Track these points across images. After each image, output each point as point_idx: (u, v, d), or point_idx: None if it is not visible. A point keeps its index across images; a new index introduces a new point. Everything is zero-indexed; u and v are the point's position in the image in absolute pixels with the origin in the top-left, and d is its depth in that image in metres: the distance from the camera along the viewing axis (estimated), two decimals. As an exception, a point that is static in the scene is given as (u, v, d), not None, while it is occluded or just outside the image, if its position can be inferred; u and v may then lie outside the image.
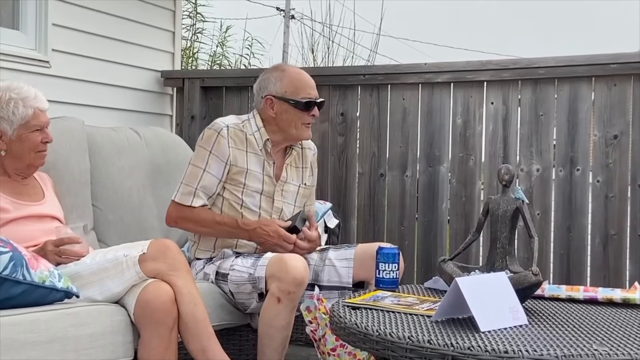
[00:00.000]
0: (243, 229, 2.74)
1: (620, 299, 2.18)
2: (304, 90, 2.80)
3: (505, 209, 2.15)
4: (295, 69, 2.89)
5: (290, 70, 2.86)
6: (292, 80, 2.81)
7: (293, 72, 2.85)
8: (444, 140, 3.61)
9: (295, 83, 2.81)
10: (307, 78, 2.85)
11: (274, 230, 2.71)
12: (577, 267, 3.37)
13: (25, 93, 2.50)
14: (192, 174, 2.76)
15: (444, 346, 1.65)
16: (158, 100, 4.16)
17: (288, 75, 2.82)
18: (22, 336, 1.94)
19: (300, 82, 2.81)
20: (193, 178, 2.76)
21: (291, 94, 2.79)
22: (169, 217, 2.82)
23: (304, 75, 2.85)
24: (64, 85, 3.50)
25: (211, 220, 2.76)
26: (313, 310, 2.53)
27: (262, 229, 2.72)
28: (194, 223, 2.78)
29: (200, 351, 2.30)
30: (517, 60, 3.58)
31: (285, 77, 2.81)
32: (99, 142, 3.14)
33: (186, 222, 2.79)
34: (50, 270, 2.15)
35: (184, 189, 2.76)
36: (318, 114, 2.86)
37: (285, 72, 2.84)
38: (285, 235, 2.71)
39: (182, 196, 2.76)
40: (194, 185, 2.75)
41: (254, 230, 2.72)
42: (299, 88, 2.80)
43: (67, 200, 2.84)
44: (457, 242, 3.53)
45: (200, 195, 2.75)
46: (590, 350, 1.61)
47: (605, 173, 3.32)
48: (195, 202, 2.75)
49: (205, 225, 2.76)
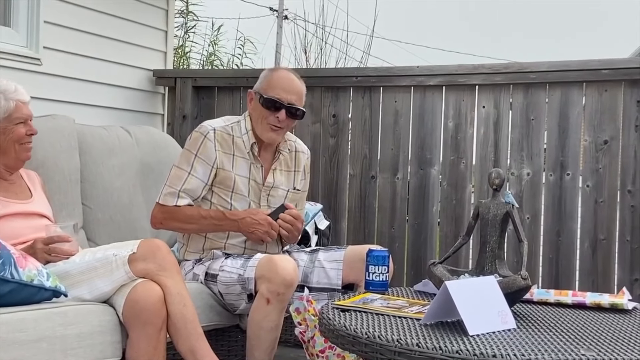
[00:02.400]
0: (231, 219, 2.72)
1: (608, 304, 2.19)
2: (276, 90, 2.76)
3: (495, 213, 2.16)
4: (285, 72, 2.84)
5: (280, 72, 2.84)
6: (272, 79, 2.78)
7: (279, 73, 2.83)
8: (436, 143, 3.62)
9: (273, 82, 2.78)
10: (289, 82, 2.79)
11: (263, 219, 2.71)
12: (565, 271, 3.38)
13: (5, 86, 2.49)
14: (176, 177, 2.75)
15: (432, 349, 1.65)
16: (149, 99, 4.15)
17: (273, 74, 2.81)
18: (9, 335, 1.93)
19: (278, 82, 2.77)
20: (177, 180, 2.75)
21: (264, 90, 2.77)
22: (155, 219, 2.81)
23: (287, 79, 2.80)
24: (55, 83, 3.48)
25: (197, 216, 2.74)
26: (302, 311, 2.53)
27: (251, 218, 2.71)
28: (179, 221, 2.76)
29: (189, 352, 2.29)
30: (509, 65, 3.59)
31: (269, 76, 2.80)
32: (90, 141, 3.13)
33: (172, 221, 2.77)
34: (39, 269, 2.13)
35: (167, 190, 2.75)
36: (284, 118, 2.74)
37: (274, 72, 2.83)
38: (273, 223, 2.70)
39: (165, 197, 2.75)
40: (177, 188, 2.74)
41: (243, 219, 2.71)
42: (273, 87, 2.76)
43: (57, 198, 2.82)
44: (447, 245, 3.54)
45: (183, 196, 2.74)
46: (578, 355, 1.62)
47: (595, 178, 3.34)
48: (178, 202, 2.74)
49: (192, 222, 2.75)
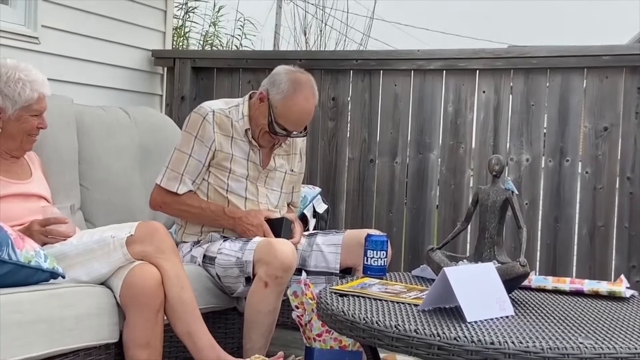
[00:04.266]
0: (228, 216, 2.73)
1: (606, 291, 2.19)
2: (287, 122, 2.72)
3: (494, 200, 2.15)
4: (302, 101, 2.71)
5: (298, 98, 2.71)
6: (288, 106, 2.70)
7: (296, 102, 2.71)
8: (435, 128, 3.61)
9: (288, 112, 2.70)
10: (300, 117, 2.74)
11: (259, 224, 2.70)
12: (563, 258, 3.38)
13: (34, 76, 2.49)
14: (178, 160, 2.75)
15: (430, 336, 1.65)
16: (148, 80, 4.12)
17: (291, 99, 2.70)
18: (6, 316, 1.92)
19: (291, 115, 2.71)
20: (179, 163, 2.74)
21: (277, 113, 2.71)
22: (154, 202, 2.82)
23: (301, 111, 2.73)
24: (53, 62, 3.46)
25: (197, 207, 2.75)
26: (300, 295, 2.53)
27: (247, 219, 2.71)
28: (178, 210, 2.78)
29: (186, 334, 2.30)
30: (510, 50, 3.58)
31: (288, 99, 2.70)
32: (88, 122, 3.11)
33: (171, 207, 2.79)
34: (36, 250, 2.13)
35: (170, 174, 2.75)
36: (285, 140, 2.81)
37: (293, 96, 2.70)
38: (267, 232, 2.69)
39: (168, 182, 2.75)
40: (180, 171, 2.74)
41: (240, 219, 2.72)
42: (285, 117, 2.71)
43: (55, 179, 2.81)
44: (445, 230, 3.54)
45: (186, 181, 2.74)
46: (575, 343, 1.62)
47: (595, 165, 3.33)
48: (180, 188, 2.74)
49: (190, 211, 2.76)
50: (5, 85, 2.43)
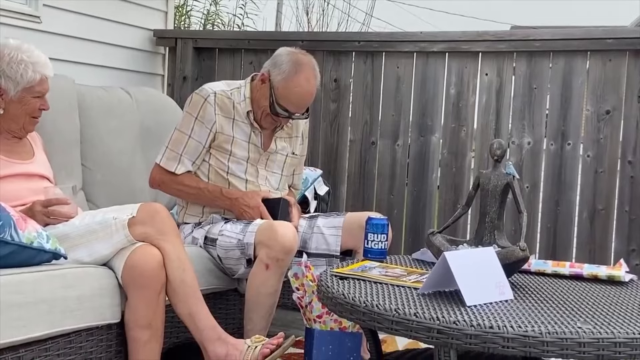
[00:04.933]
0: (226, 197, 2.74)
1: (605, 275, 2.20)
2: (288, 103, 2.71)
3: (495, 184, 2.15)
4: (303, 81, 2.70)
5: (299, 79, 2.70)
6: (289, 87, 2.69)
7: (297, 83, 2.70)
8: (437, 110, 3.61)
9: (289, 93, 2.70)
10: (301, 98, 2.73)
11: (255, 206, 2.70)
12: (563, 241, 3.40)
13: (36, 58, 2.47)
14: (177, 140, 2.76)
15: (430, 320, 1.66)
16: (150, 60, 4.11)
17: (292, 80, 2.69)
18: (9, 297, 1.93)
19: (292, 96, 2.70)
20: (178, 144, 2.75)
21: (278, 95, 2.71)
22: (153, 180, 2.84)
23: (302, 92, 2.72)
24: (54, 42, 3.44)
25: (195, 186, 2.77)
26: (300, 277, 2.54)
27: (243, 200, 2.71)
28: (176, 189, 2.80)
29: (188, 315, 2.31)
30: (513, 32, 3.57)
31: (289, 80, 2.69)
32: (89, 102, 3.11)
33: (169, 187, 2.81)
34: (39, 231, 2.13)
35: (169, 154, 2.76)
36: (287, 122, 2.82)
37: (294, 77, 2.69)
38: (264, 213, 2.69)
39: (167, 161, 2.76)
40: (179, 152, 2.75)
41: (236, 199, 2.72)
42: (287, 98, 2.70)
43: (56, 159, 2.81)
44: (446, 213, 3.55)
45: (185, 161, 2.75)
46: (574, 327, 1.63)
47: (596, 148, 3.33)
48: (179, 169, 2.75)
49: (189, 192, 2.78)
50: (8, 67, 2.43)
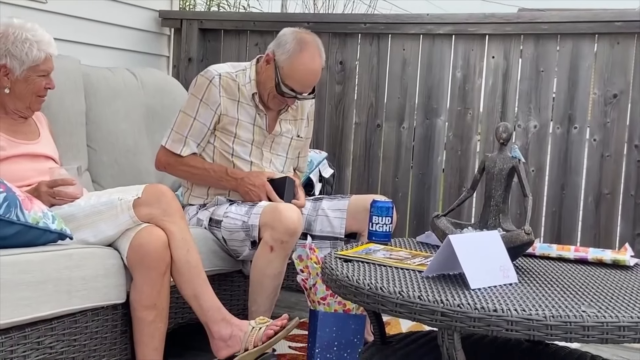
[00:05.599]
0: (231, 177, 2.74)
1: (610, 260, 2.19)
2: (294, 82, 2.70)
3: (501, 167, 2.14)
4: (307, 60, 2.69)
5: (304, 58, 2.69)
6: (294, 66, 2.68)
7: (302, 61, 2.69)
8: (443, 93, 3.59)
9: (294, 71, 2.69)
10: (306, 76, 2.71)
11: (261, 184, 2.70)
12: (568, 225, 3.39)
13: (41, 36, 2.47)
14: (183, 122, 2.75)
15: (433, 302, 1.66)
16: (155, 41, 4.10)
17: (297, 59, 2.68)
18: (15, 276, 1.94)
19: (297, 75, 2.69)
20: (183, 126, 2.75)
21: (283, 74, 2.69)
22: (159, 162, 2.84)
23: (308, 70, 2.70)
24: (60, 22, 3.43)
25: (201, 167, 2.77)
26: (305, 259, 2.55)
27: (249, 179, 2.71)
28: (181, 170, 2.80)
29: (192, 296, 2.32)
30: (520, 15, 3.54)
31: (294, 58, 2.68)
32: (95, 83, 3.10)
33: (174, 168, 2.81)
34: (44, 211, 2.14)
35: (175, 137, 2.76)
36: (292, 103, 2.80)
37: (298, 55, 2.68)
38: (270, 192, 2.69)
39: (172, 143, 2.76)
40: (184, 134, 2.75)
41: (242, 179, 2.72)
42: (292, 77, 2.69)
43: (62, 140, 2.82)
44: (451, 196, 3.55)
45: (190, 144, 2.75)
46: (578, 311, 1.62)
47: (603, 132, 3.32)
48: (184, 150, 2.75)
49: (194, 172, 2.78)
50: (13, 46, 2.42)
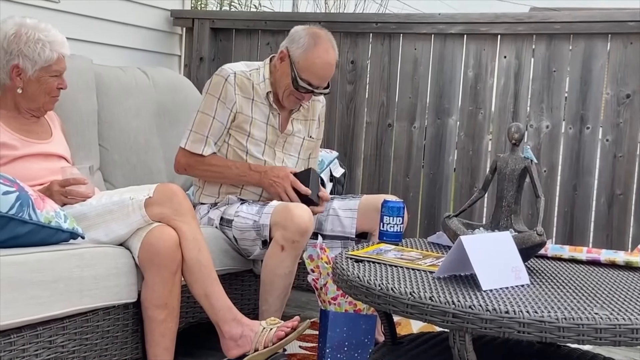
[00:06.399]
0: (254, 171, 2.73)
1: (623, 261, 2.18)
2: (310, 76, 2.71)
3: (513, 168, 2.13)
4: (322, 52, 2.72)
5: (319, 50, 2.71)
6: (310, 59, 2.70)
7: (318, 54, 2.71)
8: (454, 93, 3.58)
9: (310, 64, 2.70)
10: (323, 68, 2.73)
11: (285, 175, 2.69)
12: (580, 226, 3.37)
13: (53, 37, 2.47)
14: (202, 122, 2.75)
15: (445, 304, 1.65)
16: (167, 40, 4.11)
17: (313, 52, 2.70)
18: (27, 275, 1.95)
19: (314, 67, 2.71)
20: (203, 126, 2.74)
21: (299, 68, 2.71)
22: (178, 165, 2.82)
23: (324, 63, 2.72)
24: (72, 22, 3.45)
25: (222, 165, 2.76)
26: (315, 259, 2.55)
27: (272, 172, 2.71)
28: (203, 170, 2.78)
29: (203, 295, 2.32)
30: (533, 15, 3.52)
31: (309, 51, 2.70)
32: (107, 82, 3.11)
33: (195, 169, 2.79)
34: (56, 210, 2.15)
35: (195, 137, 2.75)
36: (310, 98, 2.81)
37: (314, 48, 2.70)
38: (295, 182, 2.69)
39: (192, 144, 2.75)
40: (205, 133, 2.74)
41: (265, 172, 2.72)
42: (309, 70, 2.71)
43: (74, 139, 2.83)
44: (462, 196, 3.54)
45: (211, 143, 2.74)
46: (591, 313, 1.61)
47: (615, 132, 3.30)
48: (206, 150, 2.74)
49: (215, 170, 2.76)
50: (25, 46, 2.43)
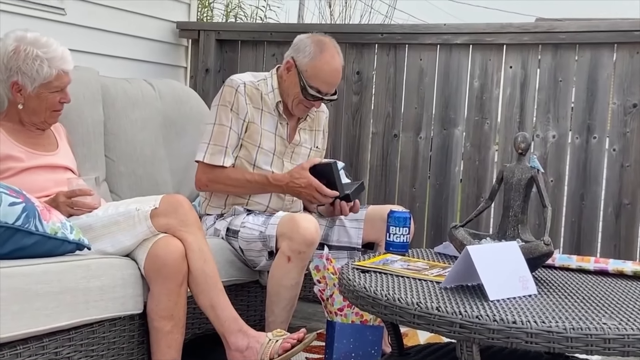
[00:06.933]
0: (275, 185, 2.71)
1: (631, 271, 2.17)
2: (319, 82, 2.72)
3: (519, 178, 2.13)
4: (329, 58, 2.73)
5: (325, 57, 2.72)
6: (318, 66, 2.71)
7: (325, 60, 2.72)
8: (460, 103, 3.58)
9: (318, 71, 2.71)
10: (331, 74, 2.74)
11: (307, 183, 2.66)
12: (587, 236, 3.36)
13: (53, 53, 2.44)
14: (220, 133, 2.72)
15: (452, 314, 1.65)
16: (173, 52, 4.12)
17: (320, 59, 2.71)
18: (33, 287, 1.95)
19: (322, 74, 2.71)
20: (221, 137, 2.72)
21: (307, 76, 2.71)
22: (199, 182, 2.79)
23: (331, 69, 2.73)
24: (79, 34, 3.47)
25: (242, 179, 2.73)
26: (322, 269, 2.54)
27: (294, 184, 2.68)
28: (224, 184, 2.75)
29: (209, 306, 2.31)
30: (538, 24, 3.52)
31: (316, 59, 2.71)
32: (113, 94, 3.12)
33: (217, 183, 2.75)
34: (63, 221, 2.15)
35: (213, 149, 2.72)
36: (319, 105, 2.82)
37: (320, 55, 2.71)
38: (318, 186, 2.66)
39: (211, 156, 2.72)
40: (224, 144, 2.72)
41: (287, 185, 2.69)
42: (317, 77, 2.71)
43: (80, 150, 2.83)
44: (469, 206, 3.53)
45: (230, 153, 2.72)
46: (599, 323, 1.60)
47: (622, 142, 3.29)
48: (226, 161, 2.72)
49: (237, 185, 2.74)
50: (24, 63, 2.40)
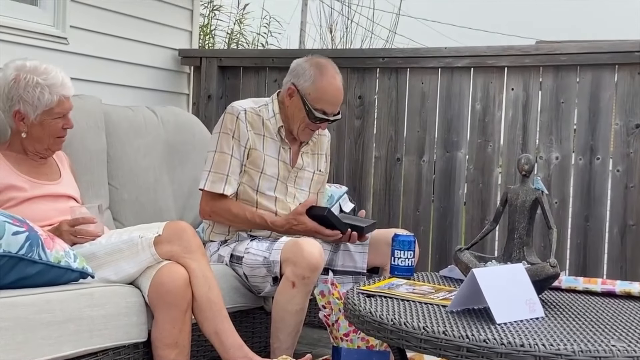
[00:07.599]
0: (274, 228, 2.72)
1: (638, 292, 2.15)
2: (323, 103, 2.73)
3: (524, 200, 2.12)
4: (331, 79, 2.75)
5: (327, 78, 2.74)
6: (320, 88, 2.72)
7: (327, 81, 2.74)
8: (462, 126, 3.58)
9: (321, 94, 2.72)
10: (335, 94, 2.75)
11: (305, 229, 2.67)
12: (593, 257, 3.34)
13: (52, 79, 2.45)
14: (221, 161, 2.72)
15: (459, 338, 1.64)
16: (175, 79, 4.14)
17: (321, 81, 2.73)
18: (36, 316, 1.94)
19: (326, 95, 2.73)
20: (223, 164, 2.72)
21: (311, 100, 2.72)
22: (203, 211, 2.80)
23: (334, 89, 2.75)
24: (81, 62, 3.49)
25: (243, 216, 2.73)
26: (327, 294, 2.53)
27: (293, 230, 2.69)
28: (226, 218, 2.76)
29: (214, 333, 2.30)
30: (539, 46, 3.53)
31: (318, 82, 2.72)
32: (116, 121, 3.13)
33: (219, 216, 2.76)
34: (66, 250, 2.15)
35: (214, 177, 2.72)
36: (325, 126, 2.83)
37: (321, 77, 2.73)
38: (318, 230, 2.66)
39: (212, 184, 2.71)
40: (225, 172, 2.72)
41: (286, 231, 2.71)
42: (321, 100, 2.72)
43: (83, 178, 2.84)
44: (473, 229, 3.51)
45: (232, 181, 2.72)
46: (608, 345, 1.59)
47: (626, 163, 3.28)
48: (227, 189, 2.71)
49: (237, 221, 2.75)
50: (24, 91, 2.42)
